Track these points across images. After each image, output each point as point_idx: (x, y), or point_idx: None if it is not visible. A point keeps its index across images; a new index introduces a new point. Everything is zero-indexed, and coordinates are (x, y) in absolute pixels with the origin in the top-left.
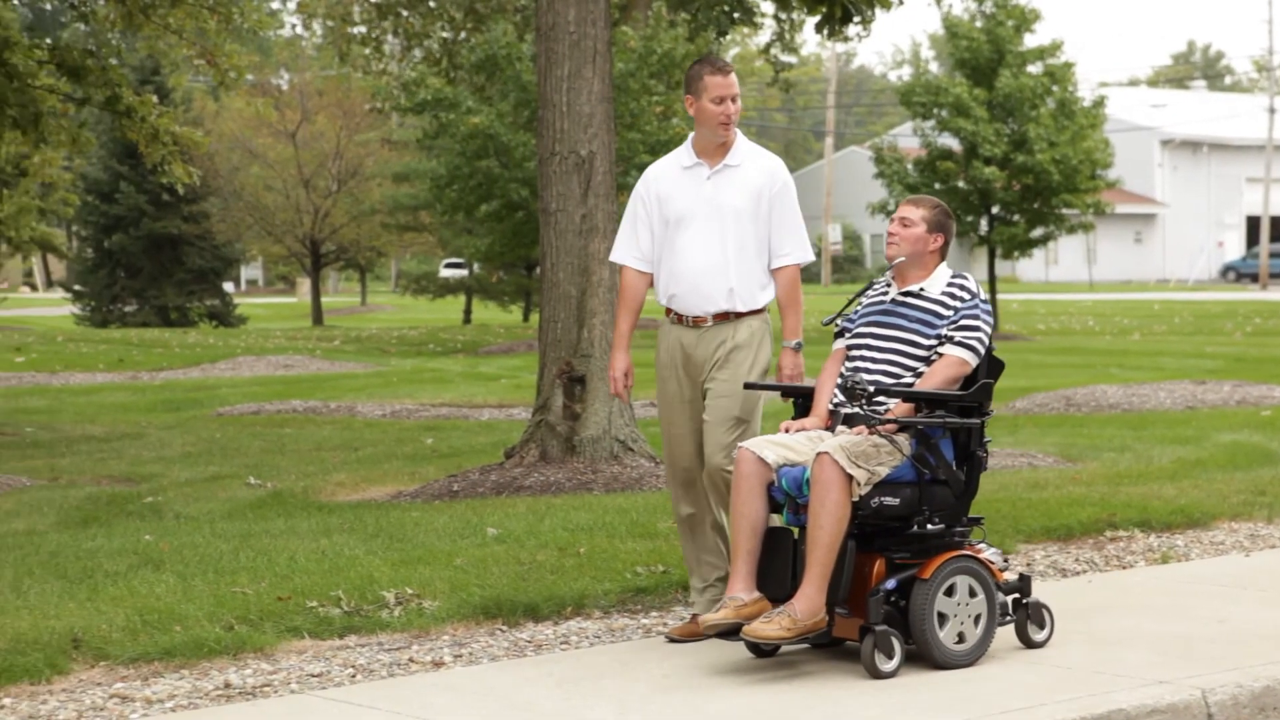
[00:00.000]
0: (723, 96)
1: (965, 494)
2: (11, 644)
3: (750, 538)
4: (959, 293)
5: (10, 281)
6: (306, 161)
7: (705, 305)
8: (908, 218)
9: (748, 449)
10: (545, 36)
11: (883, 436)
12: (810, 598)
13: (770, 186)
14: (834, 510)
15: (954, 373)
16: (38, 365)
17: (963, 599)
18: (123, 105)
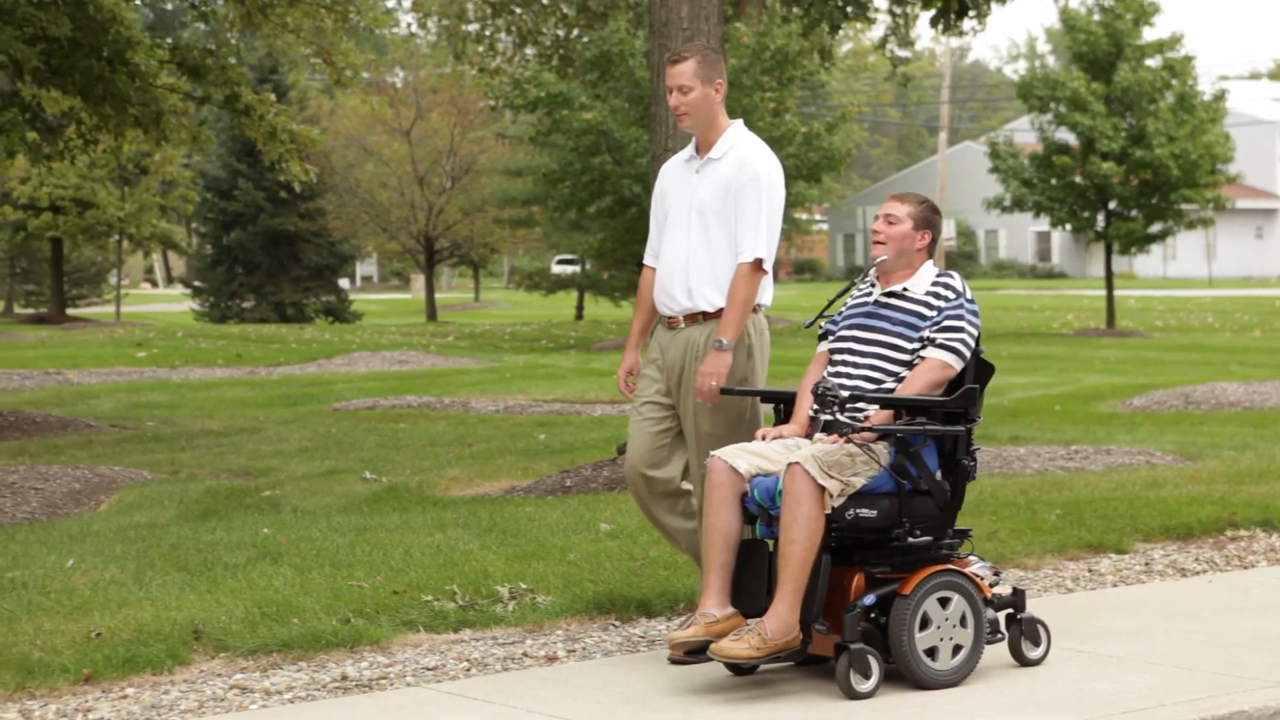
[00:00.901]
0: (670, 87)
1: (950, 505)
2: (134, 635)
3: (722, 551)
4: (944, 292)
5: (131, 278)
6: (421, 158)
7: (670, 304)
8: (893, 214)
9: (720, 458)
10: (658, 32)
11: (858, 445)
12: (781, 615)
13: (739, 177)
14: (805, 523)
15: (935, 377)
16: (158, 360)
17: (946, 615)
18: (241, 104)
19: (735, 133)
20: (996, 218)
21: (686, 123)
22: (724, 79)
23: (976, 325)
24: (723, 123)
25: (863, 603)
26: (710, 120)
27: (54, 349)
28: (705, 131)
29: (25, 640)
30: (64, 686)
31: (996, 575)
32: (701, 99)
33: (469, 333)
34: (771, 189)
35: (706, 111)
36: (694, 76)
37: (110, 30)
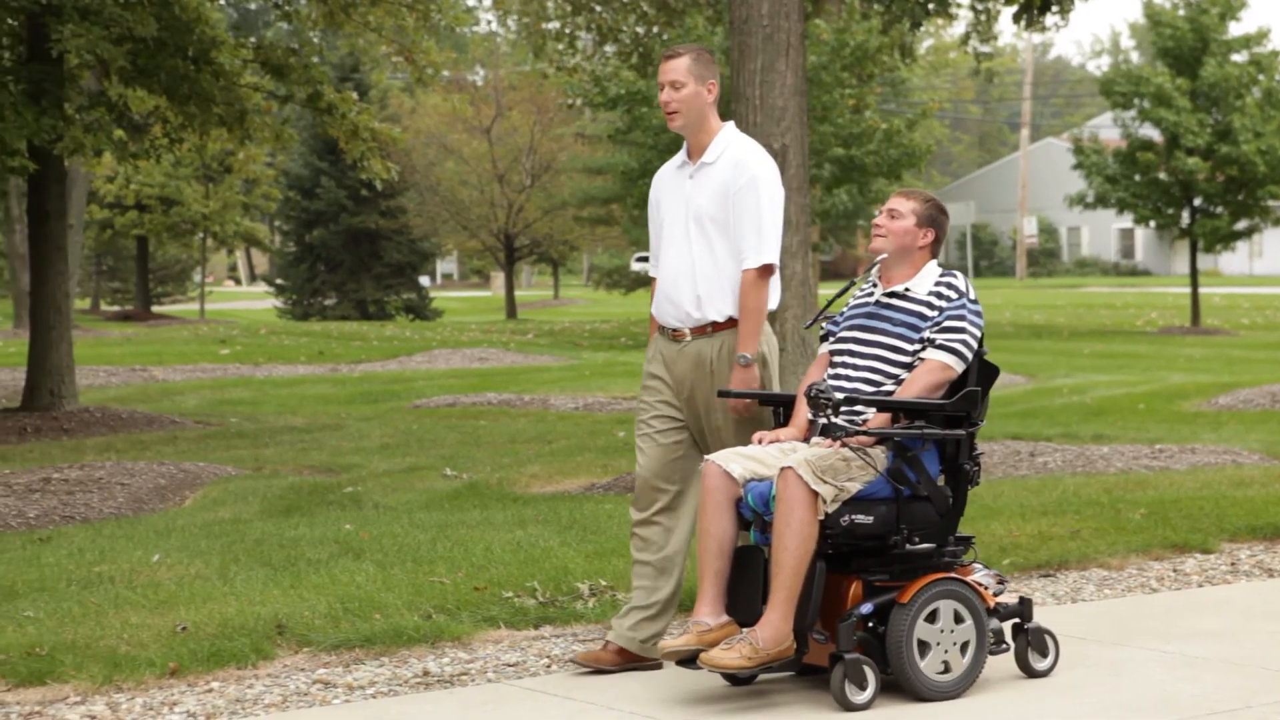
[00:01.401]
0: (662, 83)
1: (952, 511)
2: (219, 629)
3: (717, 557)
4: (946, 291)
5: (215, 275)
6: (501, 156)
7: (677, 315)
8: (896, 209)
9: (714, 462)
10: (738, 30)
11: (854, 449)
12: (774, 624)
13: (735, 180)
14: (799, 529)
15: (935, 379)
16: (241, 358)
17: (946, 625)
18: (324, 102)
19: (728, 135)
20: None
21: (678, 121)
22: (717, 81)
23: (979, 326)
24: (714, 125)
25: (859, 611)
26: (701, 121)
27: (140, 346)
28: (696, 134)
29: (112, 634)
30: (150, 680)
31: (1001, 584)
32: (693, 96)
33: (548, 330)
34: (770, 190)
35: (698, 111)
36: (687, 73)
37: (195, 30)
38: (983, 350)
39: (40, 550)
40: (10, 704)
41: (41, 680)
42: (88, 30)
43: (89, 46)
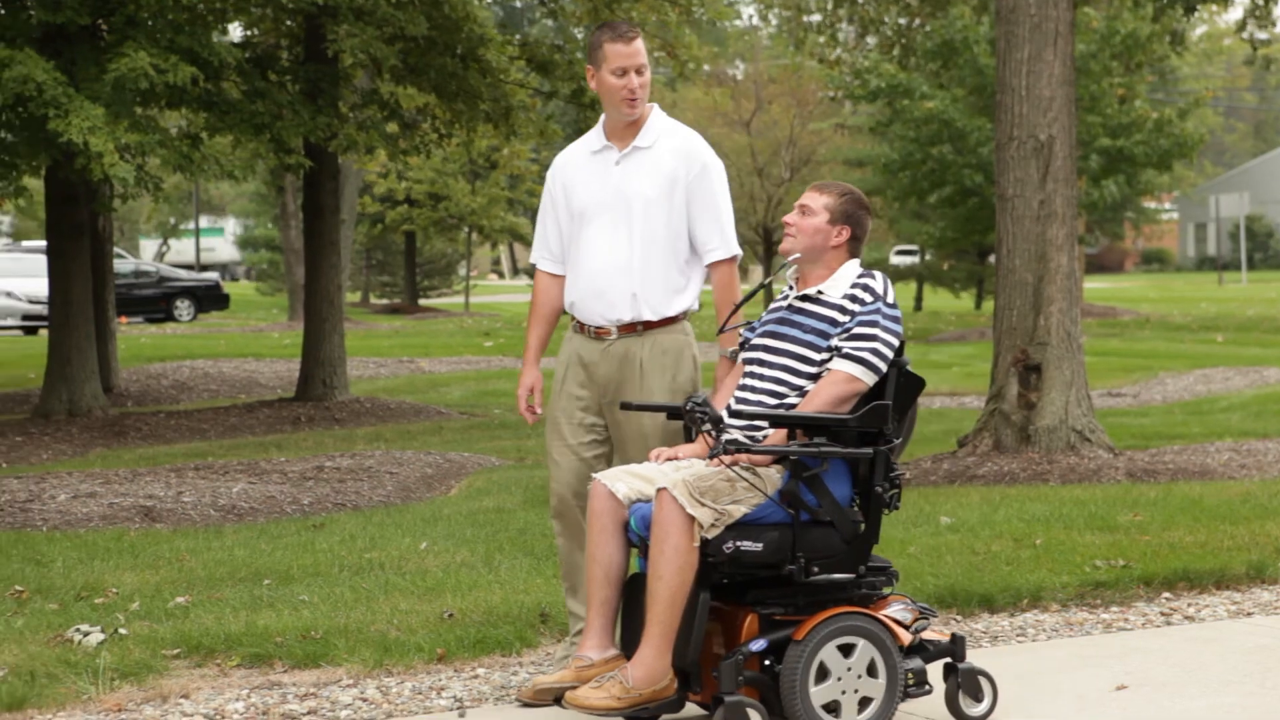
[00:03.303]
0: (624, 68)
1: (861, 539)
2: (485, 616)
3: (603, 586)
4: (861, 295)
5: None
6: (760, 150)
7: (607, 313)
8: (808, 205)
9: (600, 481)
10: (1005, 19)
11: (743, 469)
12: (647, 662)
13: (687, 170)
14: (673, 557)
15: (840, 391)
16: (504, 350)
17: (848, 665)
18: (587, 97)
19: (659, 118)
20: None
21: (637, 109)
22: None
23: (895, 333)
24: (646, 106)
25: (749, 648)
26: (645, 102)
27: (407, 338)
28: (640, 118)
29: (383, 619)
30: (419, 665)
31: (925, 619)
32: (649, 79)
33: None
34: (724, 177)
35: (648, 93)
36: (646, 55)
37: (464, 28)
38: (903, 360)
39: (314, 536)
40: (287, 685)
41: (316, 663)
42: (362, 30)
43: (363, 46)
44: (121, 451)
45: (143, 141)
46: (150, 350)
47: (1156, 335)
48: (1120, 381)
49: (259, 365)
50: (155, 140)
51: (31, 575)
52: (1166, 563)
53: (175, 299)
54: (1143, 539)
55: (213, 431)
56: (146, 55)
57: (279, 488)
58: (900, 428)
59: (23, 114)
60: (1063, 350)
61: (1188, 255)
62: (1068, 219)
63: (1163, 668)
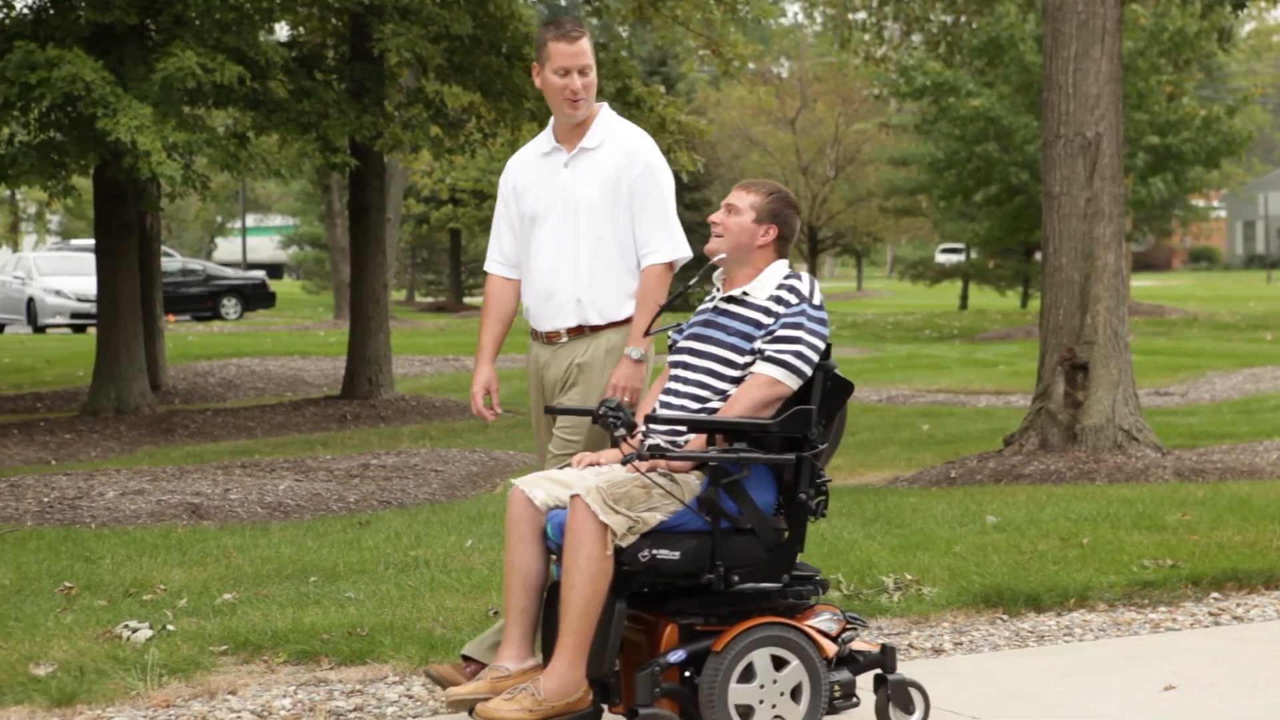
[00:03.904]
0: (567, 68)
1: (784, 547)
2: None
3: (522, 594)
4: (786, 296)
5: None
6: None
7: (555, 317)
8: (734, 205)
9: (519, 487)
10: (1052, 17)
11: (660, 475)
12: (559, 673)
13: (629, 171)
14: (586, 565)
15: (762, 395)
16: None
17: (770, 677)
18: (632, 96)
19: (607, 119)
20: None
21: (582, 110)
22: None
23: (821, 335)
24: (594, 107)
25: (666, 659)
26: (590, 104)
27: (452, 336)
28: (587, 118)
29: (428, 616)
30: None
31: (852, 629)
32: (594, 80)
33: (851, 322)
34: (668, 179)
35: (593, 95)
36: (592, 54)
37: (508, 27)
38: (830, 364)
39: (360, 534)
40: (334, 681)
41: (362, 660)
42: (407, 29)
43: (408, 45)
44: (169, 449)
45: (190, 140)
46: (197, 348)
47: (1204, 334)
48: (1168, 380)
49: (305, 363)
50: (202, 139)
51: (81, 572)
52: (1215, 563)
53: (222, 297)
54: (1191, 539)
55: (259, 429)
56: (194, 55)
57: (325, 485)
58: (827, 433)
59: (72, 113)
60: (1110, 349)
61: (1236, 253)
62: (1115, 217)
63: (1211, 668)
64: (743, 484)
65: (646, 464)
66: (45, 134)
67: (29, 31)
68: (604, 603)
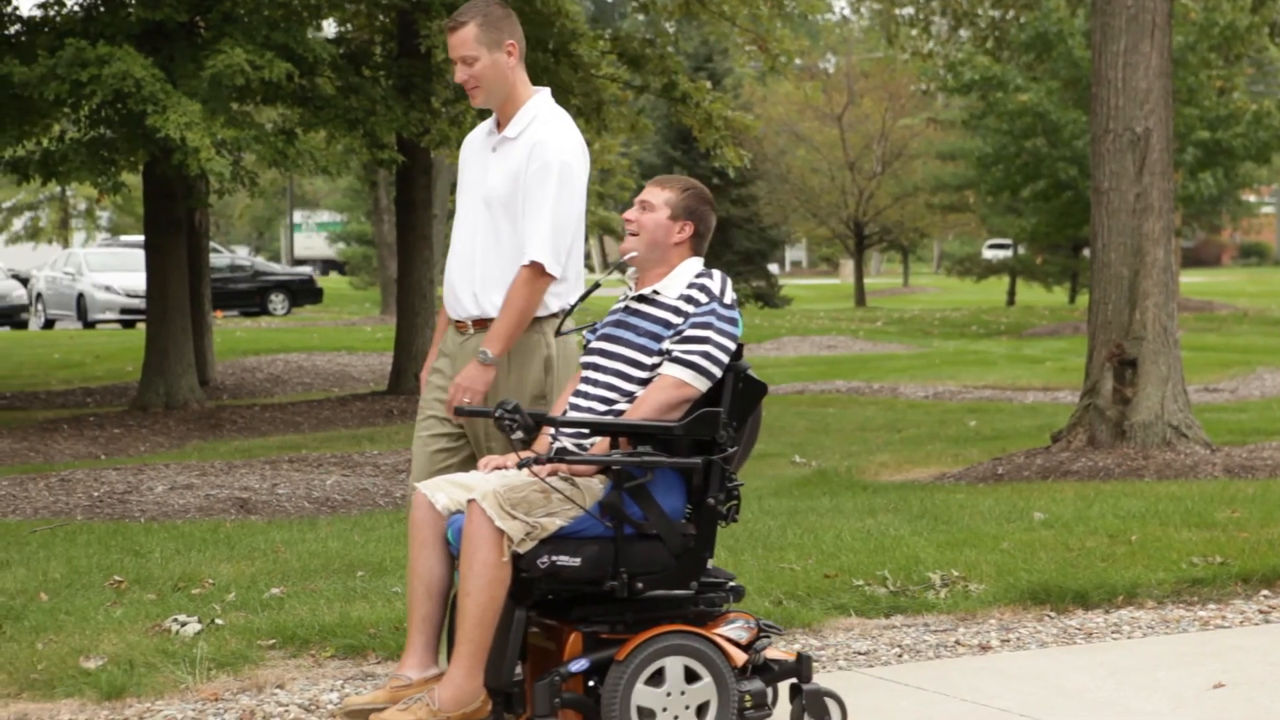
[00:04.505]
0: (452, 60)
1: (691, 553)
2: None
3: (425, 601)
4: (697, 295)
5: None
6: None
7: (457, 307)
8: (649, 201)
9: (420, 491)
10: (1101, 11)
11: (561, 479)
12: (456, 683)
13: (528, 166)
14: (482, 572)
15: (668, 397)
16: None
17: (676, 687)
18: (679, 92)
19: (535, 107)
20: None
21: (480, 98)
22: (517, 39)
23: (731, 335)
24: (523, 93)
25: (568, 669)
26: (506, 90)
27: None
28: (504, 104)
29: None
30: None
31: (766, 637)
32: (491, 67)
33: (898, 318)
34: (563, 179)
35: (500, 81)
36: (477, 43)
37: (555, 23)
38: (741, 365)
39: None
40: (380, 676)
41: None
42: None
43: None
44: (217, 444)
45: (238, 137)
46: (245, 344)
47: (1254, 330)
48: (1217, 377)
49: (352, 359)
50: (251, 136)
51: (130, 566)
52: (1265, 560)
53: (270, 293)
54: (1241, 536)
55: (306, 424)
56: (243, 52)
57: (372, 480)
58: (739, 436)
59: (122, 110)
60: (1159, 345)
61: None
62: (1164, 212)
63: (1261, 666)
64: (648, 488)
65: (546, 468)
66: (95, 131)
67: (80, 29)
68: (502, 610)
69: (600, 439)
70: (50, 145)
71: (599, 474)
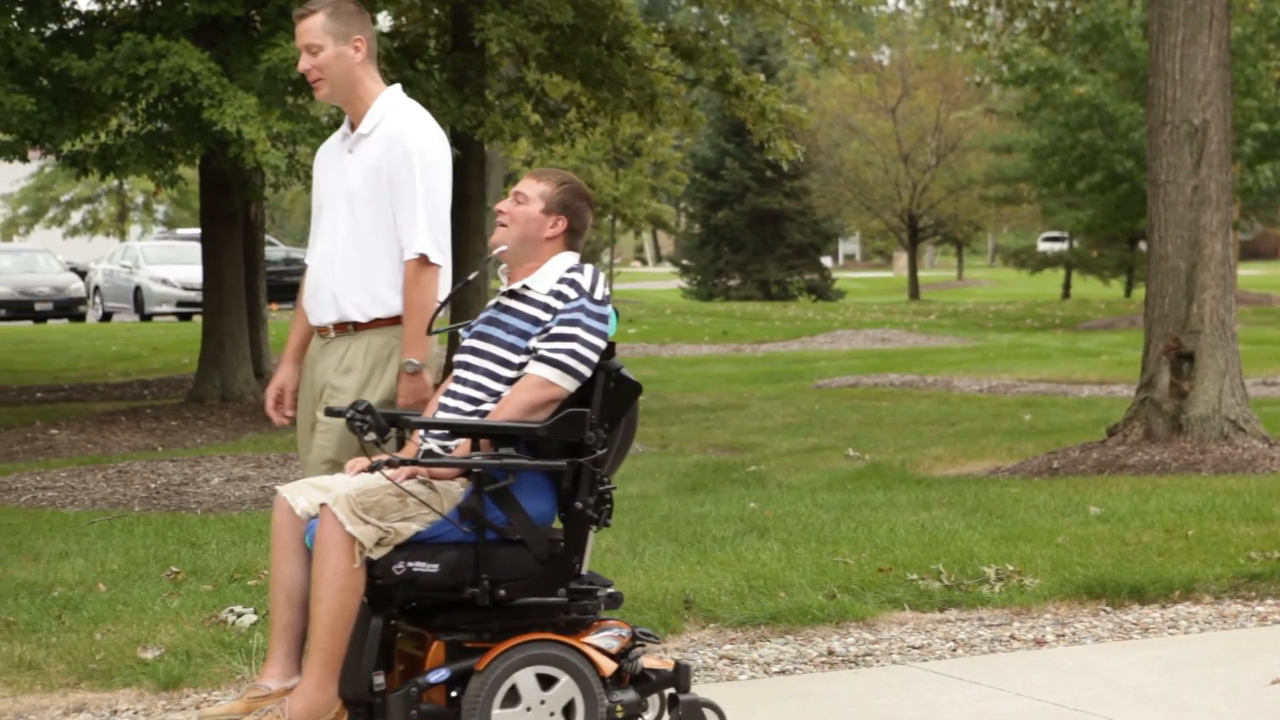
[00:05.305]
0: (298, 47)
1: (559, 558)
2: (629, 602)
3: (285, 609)
4: (567, 291)
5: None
6: (905, 136)
7: (319, 312)
8: (523, 193)
9: (281, 494)
10: (1158, 2)
11: (419, 483)
12: (307, 694)
13: (389, 158)
14: (333, 579)
15: (533, 397)
16: (648, 337)
17: (537, 698)
18: (732, 85)
19: (387, 101)
20: None
21: (324, 90)
22: (367, 36)
23: (600, 333)
24: (371, 89)
25: (426, 679)
26: (352, 87)
27: None
28: (350, 101)
29: None
30: None
31: (640, 644)
32: (336, 59)
33: (952, 311)
34: (431, 166)
35: (345, 75)
36: (324, 32)
37: (609, 16)
38: (613, 363)
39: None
40: None
41: None
42: (508, 19)
43: (509, 34)
44: (272, 436)
45: (294, 130)
46: None
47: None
48: (1276, 370)
49: None
50: (306, 129)
51: (187, 557)
52: None
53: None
54: None
55: None
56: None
57: None
58: (612, 437)
59: (178, 104)
60: (1216, 338)
61: None
62: (1222, 205)
63: None
64: (511, 492)
65: (404, 471)
66: (152, 124)
67: (137, 23)
68: (355, 618)
69: (462, 441)
70: (108, 139)
71: (461, 477)
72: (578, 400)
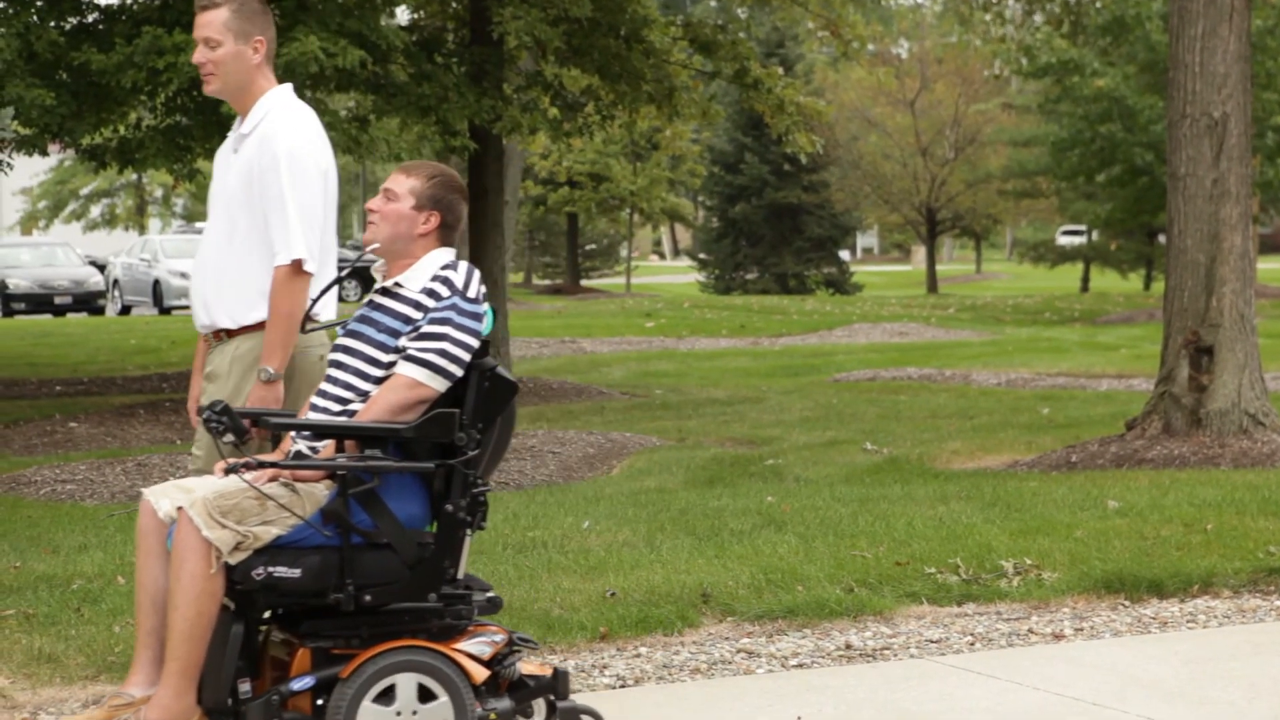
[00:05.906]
0: (196, 40)
1: (430, 562)
2: (646, 596)
3: (150, 614)
4: (439, 289)
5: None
6: (924, 129)
7: (200, 316)
8: (393, 190)
9: (146, 497)
10: None
11: (281, 485)
12: (164, 704)
13: (259, 161)
14: (189, 585)
15: (401, 398)
16: (666, 330)
17: (408, 706)
18: (750, 78)
19: (269, 102)
20: None
21: (214, 85)
22: (268, 37)
23: (472, 332)
24: (262, 87)
25: (289, 687)
26: (245, 86)
27: (569, 319)
28: (240, 100)
29: (546, 597)
30: (581, 643)
31: (516, 651)
32: (232, 57)
33: (970, 305)
34: (298, 169)
35: (239, 74)
36: (224, 28)
37: (627, 9)
38: (487, 363)
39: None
40: None
41: None
42: (527, 12)
43: (527, 28)
44: None
45: None
46: None
47: None
48: None
49: None
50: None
51: None
52: None
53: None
54: None
55: None
56: (316, 39)
57: None
58: (486, 438)
59: (197, 98)
60: (1235, 332)
61: None
62: (1242, 198)
63: None
64: (378, 494)
65: (265, 474)
66: (172, 118)
67: (156, 17)
68: (214, 625)
69: (329, 442)
70: (127, 132)
71: (326, 479)
72: (450, 400)
